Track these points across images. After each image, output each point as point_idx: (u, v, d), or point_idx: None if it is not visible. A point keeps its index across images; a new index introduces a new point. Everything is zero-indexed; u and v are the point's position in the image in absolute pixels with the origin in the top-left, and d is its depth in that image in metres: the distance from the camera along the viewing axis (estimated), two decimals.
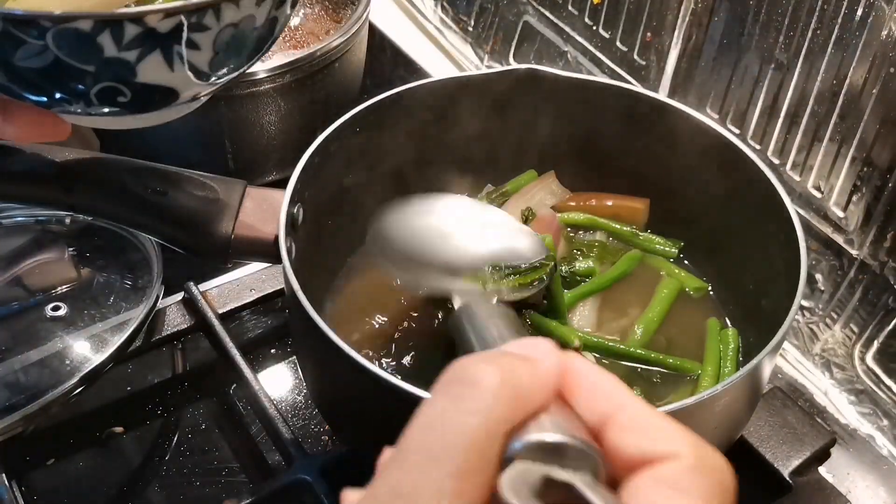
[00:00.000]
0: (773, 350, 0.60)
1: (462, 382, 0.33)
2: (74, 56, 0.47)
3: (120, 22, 0.46)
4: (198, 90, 0.54)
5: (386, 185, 0.83)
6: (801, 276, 0.64)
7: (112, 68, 0.48)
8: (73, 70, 0.48)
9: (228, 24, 0.50)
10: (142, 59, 0.49)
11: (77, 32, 0.46)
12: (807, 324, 0.86)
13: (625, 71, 0.99)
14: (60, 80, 0.49)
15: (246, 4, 0.50)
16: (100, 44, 0.47)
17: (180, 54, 0.50)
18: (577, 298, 0.77)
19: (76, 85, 0.49)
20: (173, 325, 0.85)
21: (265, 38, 0.55)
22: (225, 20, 0.50)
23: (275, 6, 0.53)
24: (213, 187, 0.71)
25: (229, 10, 0.50)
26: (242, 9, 0.50)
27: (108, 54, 0.47)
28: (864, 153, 0.76)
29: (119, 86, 0.50)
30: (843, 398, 0.83)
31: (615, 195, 0.86)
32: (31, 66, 0.48)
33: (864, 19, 0.73)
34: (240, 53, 0.54)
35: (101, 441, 0.80)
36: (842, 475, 0.78)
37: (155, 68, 0.49)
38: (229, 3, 0.49)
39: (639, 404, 0.34)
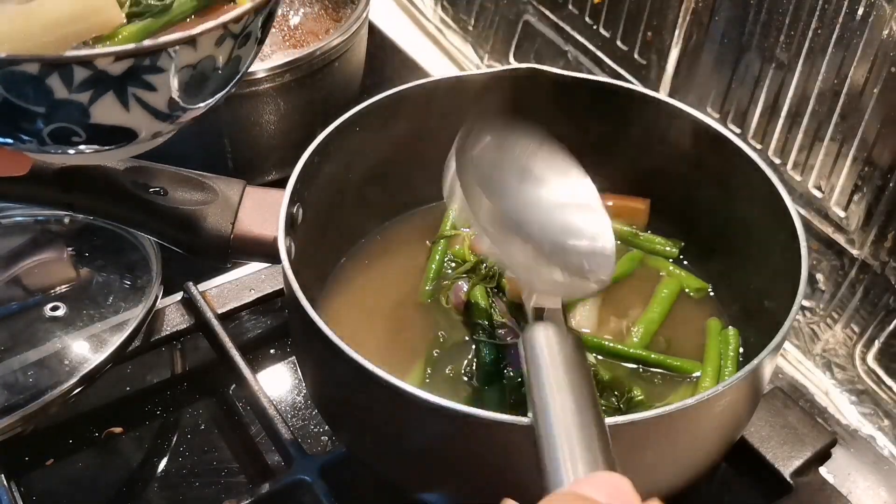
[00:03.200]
0: (774, 350, 0.60)
1: None
2: (23, 97, 0.45)
3: (68, 65, 0.44)
4: (158, 129, 0.51)
5: (385, 184, 0.83)
6: (802, 276, 0.64)
7: (64, 110, 0.46)
8: (22, 111, 0.46)
9: (185, 66, 0.48)
10: (94, 101, 0.46)
11: (24, 75, 0.44)
12: (808, 324, 0.86)
13: (625, 70, 0.99)
14: (10, 119, 0.47)
15: (204, 46, 0.48)
16: (49, 86, 0.45)
17: (135, 96, 0.47)
18: (579, 299, 0.77)
19: (27, 125, 0.47)
20: (172, 326, 0.84)
21: (230, 77, 0.52)
22: (181, 62, 0.48)
23: (237, 45, 0.50)
24: (212, 187, 0.70)
25: (186, 53, 0.47)
26: (200, 50, 0.48)
27: (58, 96, 0.45)
28: (865, 153, 0.76)
29: (73, 126, 0.48)
30: (843, 398, 0.83)
31: (615, 195, 0.86)
32: None
33: (864, 19, 0.73)
34: (201, 92, 0.51)
35: (100, 441, 0.80)
36: (843, 476, 0.78)
37: (109, 110, 0.47)
38: (185, 45, 0.47)
39: None
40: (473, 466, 0.60)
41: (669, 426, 0.57)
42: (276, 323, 0.90)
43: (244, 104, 0.94)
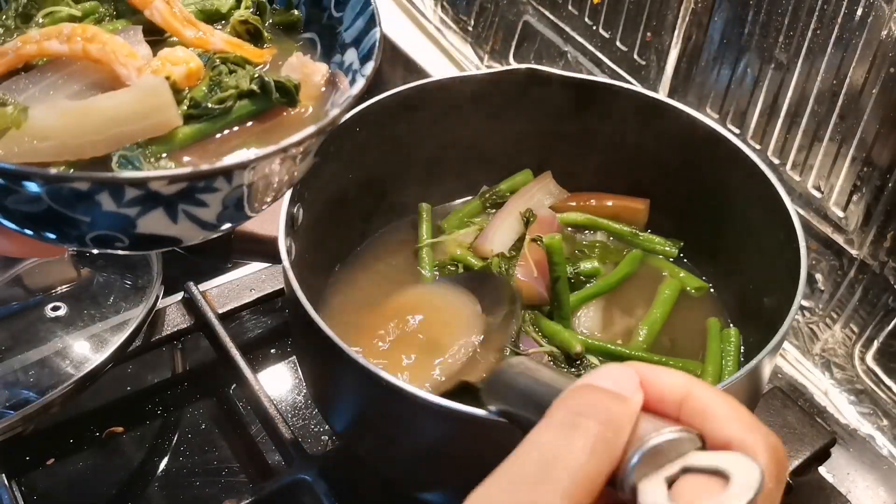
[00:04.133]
0: (774, 350, 0.60)
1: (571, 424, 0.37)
2: (70, 208, 0.44)
3: (120, 186, 0.43)
4: (203, 237, 0.49)
5: (386, 184, 0.83)
6: (802, 276, 0.64)
7: (110, 220, 0.45)
8: (68, 219, 0.44)
9: (239, 186, 0.46)
10: (143, 216, 0.45)
11: (73, 191, 0.43)
12: (807, 324, 0.86)
13: (625, 71, 0.99)
14: (55, 224, 0.45)
15: (261, 168, 0.46)
16: (98, 200, 0.43)
17: (185, 211, 0.46)
18: (583, 300, 0.77)
19: (71, 230, 0.46)
20: (173, 325, 0.85)
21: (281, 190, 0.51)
22: (236, 182, 0.46)
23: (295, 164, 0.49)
24: None
25: (241, 174, 0.45)
26: (257, 172, 0.46)
27: (106, 209, 0.44)
28: (864, 153, 0.76)
29: (117, 234, 0.46)
30: (842, 398, 0.83)
31: (615, 195, 0.86)
32: (23, 210, 0.44)
33: (863, 19, 0.73)
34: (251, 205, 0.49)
35: (100, 441, 0.80)
36: (842, 475, 0.78)
37: (157, 222, 0.45)
38: (241, 169, 0.45)
39: (701, 389, 0.39)
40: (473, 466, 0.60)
41: None
42: (277, 323, 0.90)
43: None
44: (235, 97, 0.50)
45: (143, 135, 0.47)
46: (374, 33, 0.55)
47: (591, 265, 0.80)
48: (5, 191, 0.43)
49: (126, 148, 0.47)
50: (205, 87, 0.50)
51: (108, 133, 0.46)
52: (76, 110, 0.46)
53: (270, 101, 0.51)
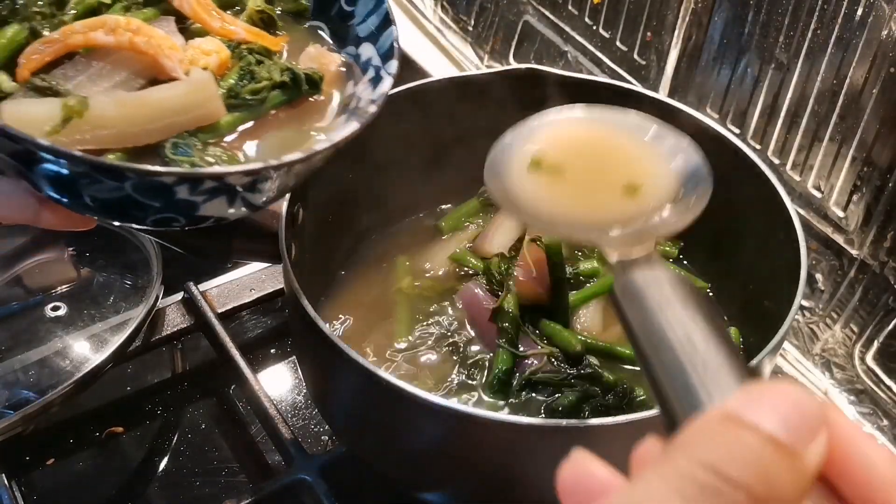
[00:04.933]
0: (774, 350, 0.60)
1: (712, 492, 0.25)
2: (145, 196, 0.48)
3: (201, 179, 0.48)
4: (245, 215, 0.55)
5: (385, 184, 0.83)
6: (802, 276, 0.64)
7: (177, 206, 0.49)
8: (140, 204, 0.48)
9: (292, 175, 0.53)
10: (207, 202, 0.49)
11: (158, 183, 0.47)
12: (807, 324, 0.86)
13: (625, 71, 0.99)
14: (124, 209, 0.49)
15: (315, 161, 0.52)
16: (175, 191, 0.48)
17: (243, 198, 0.51)
18: (583, 300, 0.77)
19: (138, 213, 0.50)
20: (173, 325, 0.85)
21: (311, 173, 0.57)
22: (292, 172, 0.52)
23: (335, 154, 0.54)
24: None
25: (299, 167, 0.51)
26: (311, 164, 0.52)
27: (179, 197, 0.48)
28: (865, 153, 0.76)
29: (177, 216, 0.51)
30: (843, 398, 0.83)
31: None
32: (97, 196, 0.48)
33: (864, 19, 0.73)
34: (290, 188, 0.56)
35: (100, 441, 0.80)
36: None
37: (216, 206, 0.50)
38: (301, 163, 0.50)
39: None
40: (473, 466, 0.60)
41: None
42: (277, 323, 0.90)
43: None
44: (269, 88, 0.55)
45: (192, 124, 0.52)
46: (392, 31, 0.62)
47: (591, 265, 0.80)
48: (90, 182, 0.46)
49: (177, 136, 0.51)
50: (234, 77, 0.55)
51: (162, 122, 0.50)
52: (133, 101, 0.51)
53: (300, 91, 0.56)
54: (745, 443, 0.25)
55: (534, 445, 0.56)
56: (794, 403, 0.26)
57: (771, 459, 0.25)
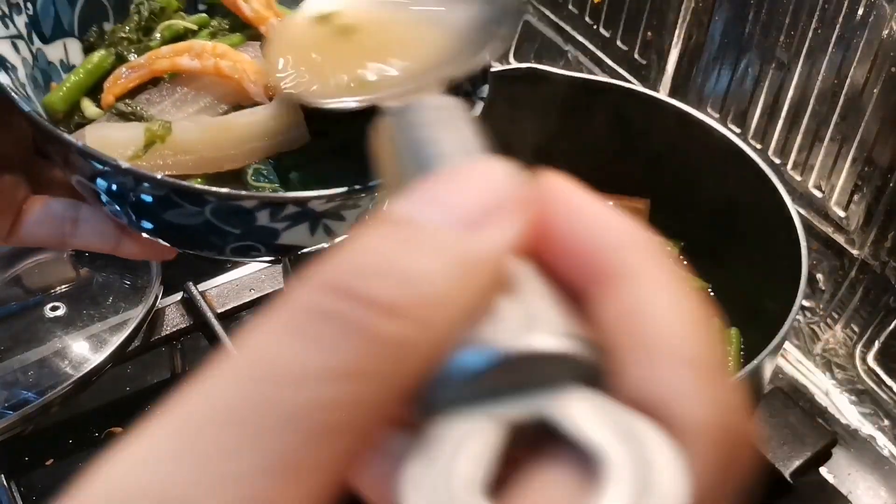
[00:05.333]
0: (774, 350, 0.60)
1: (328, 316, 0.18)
2: (225, 222, 0.46)
3: (284, 204, 0.45)
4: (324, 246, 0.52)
5: None
6: (802, 276, 0.64)
7: (257, 233, 0.47)
8: (219, 231, 0.47)
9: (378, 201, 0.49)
10: (289, 230, 0.47)
11: (238, 208, 0.45)
12: (808, 324, 0.86)
13: (625, 70, 0.99)
14: (203, 236, 0.48)
15: None
16: (255, 216, 0.46)
17: (326, 226, 0.49)
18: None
19: (215, 240, 0.48)
20: (172, 325, 0.84)
21: None
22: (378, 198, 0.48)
23: None
24: None
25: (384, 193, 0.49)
26: None
27: (259, 223, 0.46)
28: (866, 153, 0.76)
29: (258, 245, 0.49)
30: (844, 398, 0.83)
31: (615, 195, 0.85)
32: (178, 223, 0.47)
33: (865, 18, 0.73)
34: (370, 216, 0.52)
35: (100, 441, 0.80)
36: (843, 476, 0.77)
37: (297, 235, 0.48)
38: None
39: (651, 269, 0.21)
40: None
41: None
42: None
43: None
44: None
45: (276, 150, 0.50)
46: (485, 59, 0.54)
47: None
48: (169, 205, 0.45)
49: (260, 161, 0.50)
50: None
51: (245, 148, 0.49)
52: (217, 126, 0.49)
53: None
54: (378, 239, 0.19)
55: None
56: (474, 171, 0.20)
57: (412, 252, 0.18)
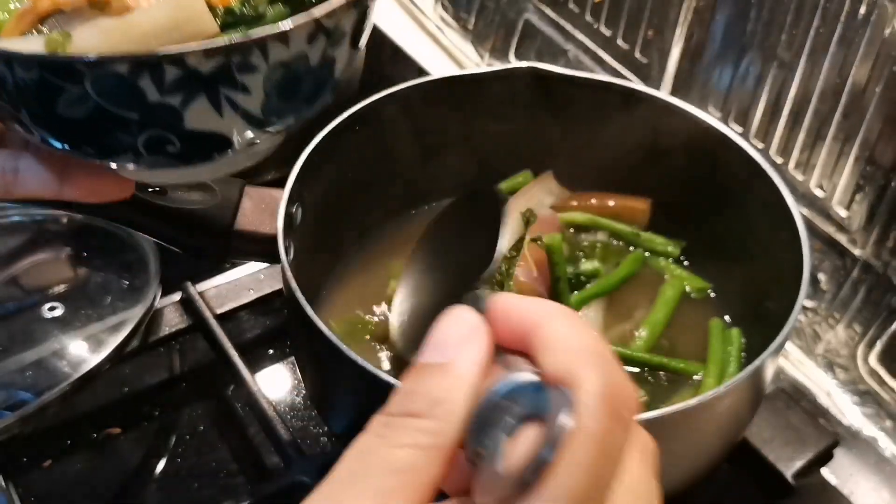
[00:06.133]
0: (776, 351, 0.60)
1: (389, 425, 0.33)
2: (115, 103, 0.45)
3: (159, 63, 0.44)
4: (251, 136, 0.50)
5: (385, 184, 0.83)
6: (804, 276, 0.64)
7: (157, 115, 0.46)
8: (116, 118, 0.46)
9: (278, 64, 0.47)
10: (187, 105, 0.46)
11: (116, 76, 0.44)
12: (809, 324, 0.86)
13: (626, 69, 0.99)
14: (105, 129, 0.47)
15: (296, 41, 0.47)
16: (141, 88, 0.44)
17: (228, 98, 0.46)
18: (584, 301, 0.76)
19: (122, 135, 0.47)
20: (171, 326, 0.84)
21: (324, 81, 0.51)
22: (273, 59, 0.46)
23: (330, 44, 0.49)
24: (211, 186, 0.70)
25: (277, 49, 0.46)
26: (292, 47, 0.47)
27: (151, 99, 0.45)
28: (868, 152, 0.76)
29: (166, 134, 0.47)
30: (846, 399, 0.83)
31: (616, 195, 0.85)
32: (74, 117, 0.46)
33: (867, 17, 0.73)
34: (294, 97, 0.50)
35: (97, 442, 0.80)
36: (845, 477, 0.77)
37: (202, 114, 0.46)
38: (276, 41, 0.45)
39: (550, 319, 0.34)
40: None
41: (671, 427, 0.57)
42: (275, 323, 0.90)
43: None
44: (267, 1, 0.51)
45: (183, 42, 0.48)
46: None
47: (593, 265, 0.79)
48: (53, 92, 0.44)
49: None
50: (236, 3, 0.51)
51: (149, 45, 0.47)
52: (117, 27, 0.48)
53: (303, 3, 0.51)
54: (406, 382, 0.33)
55: None
56: (442, 327, 0.34)
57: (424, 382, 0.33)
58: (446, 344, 0.34)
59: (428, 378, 0.33)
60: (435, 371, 0.33)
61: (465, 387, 0.33)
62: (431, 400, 0.32)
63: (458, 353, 0.33)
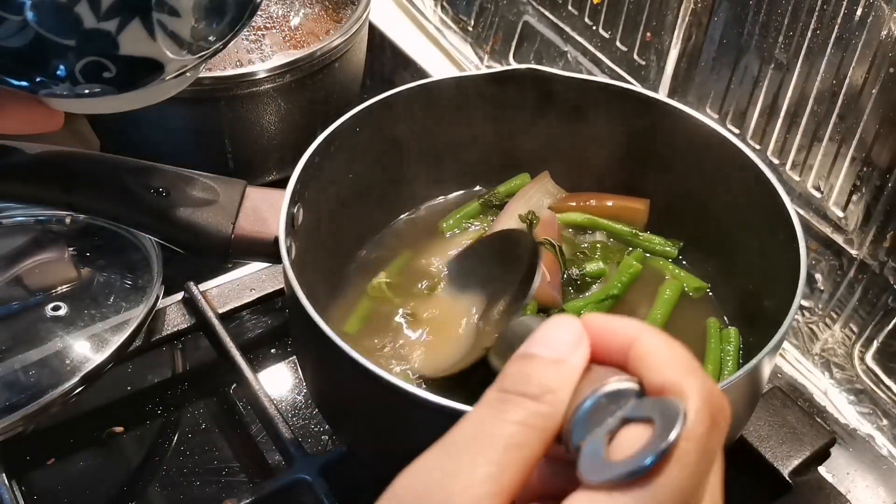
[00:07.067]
0: (773, 350, 0.60)
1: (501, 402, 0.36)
2: (54, 30, 0.47)
3: None
4: (183, 62, 0.53)
5: (386, 184, 0.83)
6: (801, 275, 0.64)
7: (93, 41, 0.48)
8: (54, 46, 0.48)
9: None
10: (122, 30, 0.48)
11: (55, 4, 0.46)
12: (806, 323, 0.86)
13: (625, 71, 0.99)
14: (43, 58, 0.49)
15: None
16: (78, 14, 0.47)
17: (160, 22, 0.49)
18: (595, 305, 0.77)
19: (60, 62, 0.49)
20: (173, 325, 0.85)
21: (245, 4, 0.55)
22: None
23: None
24: (213, 187, 0.71)
25: None
26: None
27: (87, 25, 0.47)
28: (864, 153, 0.76)
29: (103, 60, 0.49)
30: (842, 398, 0.83)
31: (615, 195, 0.86)
32: (12, 46, 0.48)
33: (863, 19, 0.73)
34: (221, 19, 0.53)
35: (101, 441, 0.80)
36: (841, 475, 0.78)
37: (136, 38, 0.49)
38: None
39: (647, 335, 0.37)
40: None
41: None
42: (277, 323, 0.90)
43: (244, 104, 0.94)
44: None
45: None
46: None
47: (598, 266, 0.80)
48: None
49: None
50: None
51: None
52: None
53: None
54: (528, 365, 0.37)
55: None
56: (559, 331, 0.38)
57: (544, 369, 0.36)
58: (558, 343, 0.37)
59: (541, 368, 0.37)
60: (549, 363, 0.37)
61: (572, 383, 0.37)
62: (545, 387, 0.36)
63: (571, 354, 0.37)
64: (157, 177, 0.69)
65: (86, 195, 0.68)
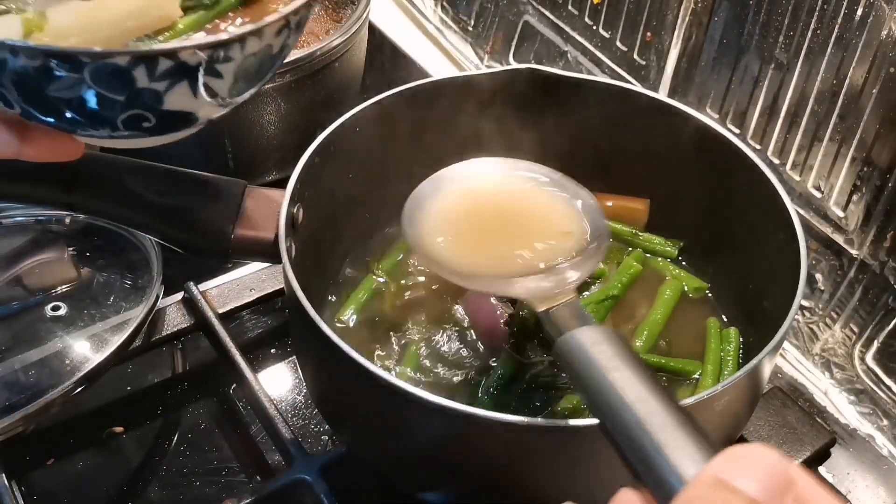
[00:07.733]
0: (773, 350, 0.60)
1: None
2: (107, 87, 0.50)
3: (155, 58, 0.49)
4: (214, 113, 0.57)
5: (386, 184, 0.83)
6: (801, 275, 0.64)
7: (141, 98, 0.51)
8: (103, 100, 0.50)
9: (250, 54, 0.53)
10: (170, 90, 0.51)
11: (114, 67, 0.48)
12: (807, 324, 0.86)
13: (625, 71, 0.99)
14: (90, 109, 0.51)
15: (267, 35, 0.54)
16: (133, 76, 0.49)
17: (205, 84, 0.52)
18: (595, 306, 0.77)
19: (105, 113, 0.51)
20: (173, 325, 0.85)
21: (276, 63, 0.58)
22: (248, 51, 0.53)
23: (291, 34, 0.56)
24: (213, 187, 0.71)
25: (252, 42, 0.53)
26: (264, 39, 0.54)
27: (139, 85, 0.50)
28: (864, 153, 0.76)
29: (145, 113, 0.52)
30: (842, 398, 0.83)
31: (615, 195, 0.86)
32: (62, 97, 0.50)
33: (864, 19, 0.73)
34: (255, 78, 0.57)
35: (100, 441, 0.80)
36: (842, 475, 0.78)
37: (181, 97, 0.52)
38: (253, 36, 0.53)
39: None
40: (473, 466, 0.60)
41: None
42: (277, 323, 0.90)
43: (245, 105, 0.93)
44: None
45: (150, 28, 0.54)
46: None
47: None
48: (49, 77, 0.48)
49: (137, 40, 0.54)
50: None
51: (120, 28, 0.53)
52: (90, 9, 0.53)
53: None
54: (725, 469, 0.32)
55: (534, 445, 0.56)
56: (768, 467, 0.32)
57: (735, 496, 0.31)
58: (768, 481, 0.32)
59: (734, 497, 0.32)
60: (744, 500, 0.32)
61: None
62: None
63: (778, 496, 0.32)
64: (157, 177, 0.69)
65: (86, 195, 0.68)
